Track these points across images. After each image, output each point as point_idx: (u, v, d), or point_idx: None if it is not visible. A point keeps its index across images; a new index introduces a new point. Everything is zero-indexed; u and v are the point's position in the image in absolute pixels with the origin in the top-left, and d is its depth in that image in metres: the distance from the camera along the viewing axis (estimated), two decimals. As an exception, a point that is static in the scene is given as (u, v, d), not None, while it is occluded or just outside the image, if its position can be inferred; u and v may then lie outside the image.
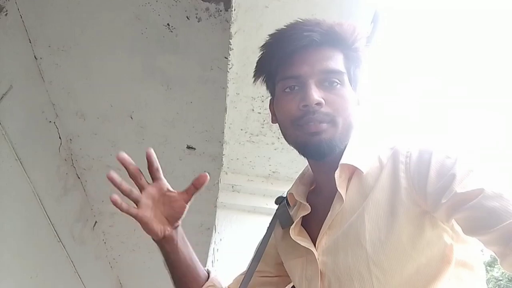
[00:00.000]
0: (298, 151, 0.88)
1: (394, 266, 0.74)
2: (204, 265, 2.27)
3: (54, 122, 2.08)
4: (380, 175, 0.82)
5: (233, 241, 2.21)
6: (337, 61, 0.85)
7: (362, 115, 0.93)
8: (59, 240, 2.38)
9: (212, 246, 2.21)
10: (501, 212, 0.64)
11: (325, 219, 0.85)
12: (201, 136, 2.06)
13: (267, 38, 0.91)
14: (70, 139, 2.19)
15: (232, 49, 1.56)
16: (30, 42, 1.74)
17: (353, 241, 0.78)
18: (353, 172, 0.86)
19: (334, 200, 0.85)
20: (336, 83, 0.83)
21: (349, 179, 0.86)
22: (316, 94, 0.80)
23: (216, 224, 2.29)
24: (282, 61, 0.86)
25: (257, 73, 0.94)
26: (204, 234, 2.67)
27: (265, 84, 0.95)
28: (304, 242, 0.86)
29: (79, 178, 2.44)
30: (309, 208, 0.89)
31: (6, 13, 1.57)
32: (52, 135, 2.11)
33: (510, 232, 0.62)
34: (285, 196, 1.02)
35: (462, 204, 0.69)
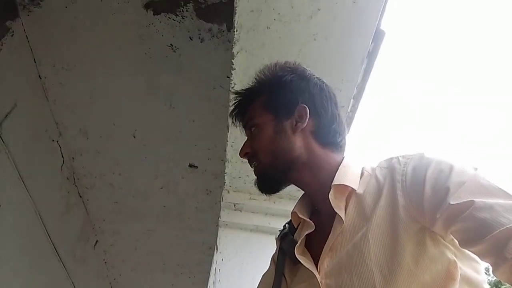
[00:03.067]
0: None
1: (399, 285, 0.73)
2: (206, 286, 2.24)
3: (57, 141, 2.09)
4: (378, 194, 0.83)
5: (235, 261, 2.19)
6: (252, 112, 1.00)
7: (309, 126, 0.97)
8: (59, 259, 2.36)
9: (214, 266, 2.18)
10: (491, 223, 0.65)
11: (326, 240, 0.85)
12: (203, 154, 2.06)
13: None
14: (73, 158, 2.20)
15: (235, 68, 1.58)
16: (35, 61, 1.76)
17: (357, 262, 0.78)
18: (350, 191, 0.87)
19: (335, 221, 0.85)
20: (251, 130, 0.99)
21: (347, 199, 0.86)
22: (241, 149, 0.99)
23: (218, 243, 2.27)
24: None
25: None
26: (206, 253, 2.64)
27: None
28: (307, 263, 0.85)
29: (81, 196, 2.43)
30: (313, 225, 0.89)
31: (12, 34, 1.60)
32: (55, 153, 2.11)
33: (500, 241, 0.63)
34: (285, 228, 1.03)
35: (455, 216, 0.69)
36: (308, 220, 0.91)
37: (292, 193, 2.36)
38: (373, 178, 0.87)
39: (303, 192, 1.02)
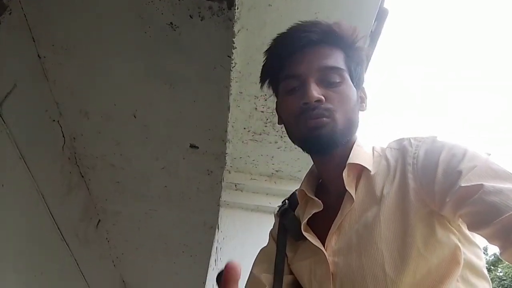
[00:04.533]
0: (301, 147, 0.90)
1: (408, 266, 0.74)
2: (207, 264, 2.28)
3: (58, 121, 2.08)
4: (389, 176, 0.83)
5: (236, 239, 2.22)
6: (336, 59, 0.86)
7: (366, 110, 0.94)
8: (62, 239, 2.39)
9: (215, 244, 2.21)
10: (501, 206, 0.65)
11: (333, 218, 0.85)
12: (204, 135, 2.06)
13: (270, 43, 0.93)
14: (74, 138, 2.20)
15: (235, 47, 1.56)
16: (34, 41, 1.74)
17: (367, 243, 0.78)
18: (361, 171, 0.87)
19: (344, 199, 0.85)
20: (335, 80, 0.85)
21: (357, 179, 0.86)
22: (315, 92, 0.82)
23: (219, 223, 2.30)
24: (283, 62, 0.89)
25: (262, 78, 0.96)
26: (207, 233, 2.67)
27: (270, 87, 0.97)
28: (314, 240, 0.86)
29: (82, 177, 2.44)
30: (321, 204, 0.89)
31: (10, 12, 1.58)
32: (56, 134, 2.11)
33: (508, 225, 0.64)
34: (285, 204, 1.02)
35: (465, 199, 0.70)
36: (317, 199, 0.90)
37: (293, 173, 2.37)
38: (384, 159, 0.87)
39: (303, 173, 1.02)
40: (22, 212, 2.01)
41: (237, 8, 1.46)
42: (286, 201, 1.05)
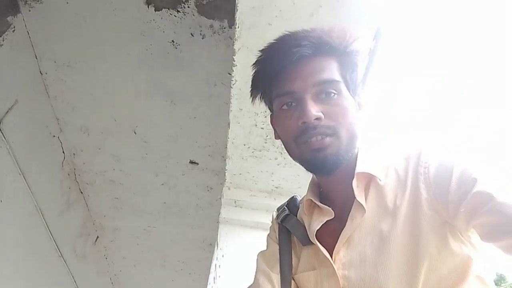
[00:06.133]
0: (304, 168, 0.86)
1: (421, 278, 0.73)
2: (206, 282, 2.24)
3: (58, 137, 2.09)
4: (401, 186, 0.81)
5: (236, 257, 2.19)
6: (331, 70, 0.82)
7: (366, 118, 0.91)
8: (60, 255, 2.37)
9: (214, 262, 2.18)
10: None
11: (340, 230, 0.82)
12: (204, 151, 2.06)
13: (258, 54, 0.88)
14: (74, 154, 2.20)
15: (236, 65, 1.57)
16: (36, 57, 1.76)
17: (384, 255, 0.76)
18: (369, 180, 0.84)
19: (352, 210, 0.81)
20: (333, 94, 0.80)
21: (366, 189, 0.83)
22: (313, 110, 0.77)
23: (218, 240, 2.28)
24: (275, 77, 0.85)
25: (253, 91, 0.91)
26: (206, 250, 2.65)
27: (262, 101, 0.93)
28: (324, 251, 0.82)
29: (81, 192, 2.43)
30: (333, 213, 0.84)
31: (14, 30, 1.60)
32: (56, 149, 2.12)
33: None
34: (285, 210, 1.00)
35: (478, 208, 0.69)
36: (327, 207, 0.86)
37: (293, 190, 2.36)
38: (392, 169, 0.84)
39: (303, 189, 1.00)
40: (20, 228, 2.00)
41: (238, 27, 1.48)
42: (285, 207, 1.01)
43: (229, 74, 1.62)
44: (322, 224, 0.85)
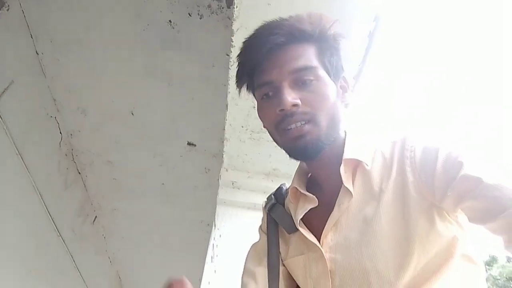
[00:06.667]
0: (288, 155, 0.87)
1: (410, 260, 0.74)
2: (204, 261, 2.28)
3: (55, 118, 2.08)
4: (387, 170, 0.82)
5: (233, 237, 2.22)
6: (307, 57, 0.82)
7: (353, 101, 0.92)
8: (59, 235, 2.39)
9: (211, 242, 2.21)
10: (504, 202, 0.67)
11: (328, 214, 0.84)
12: (202, 133, 2.06)
13: (240, 47, 0.90)
14: (71, 135, 2.20)
15: (234, 46, 1.56)
16: (31, 37, 1.74)
17: (369, 238, 0.78)
18: (356, 166, 0.85)
19: (340, 195, 0.83)
20: (310, 80, 0.81)
21: (353, 174, 0.85)
22: (290, 97, 0.79)
23: (216, 220, 2.30)
24: (254, 69, 0.87)
25: (238, 85, 0.93)
26: (204, 230, 2.67)
27: (250, 92, 0.94)
28: (311, 237, 0.85)
29: (79, 173, 2.44)
30: (316, 201, 0.87)
31: (8, 8, 1.57)
32: (53, 130, 2.11)
33: None
34: (272, 199, 1.01)
35: (466, 191, 0.71)
36: (311, 195, 0.89)
37: (290, 172, 2.38)
38: (379, 154, 0.86)
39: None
40: (19, 208, 2.01)
41: (236, 7, 1.46)
42: (272, 196, 1.03)
43: (227, 55, 1.61)
44: (312, 209, 0.87)
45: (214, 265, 2.17)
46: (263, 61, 0.84)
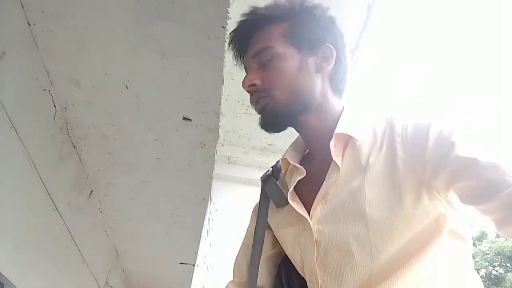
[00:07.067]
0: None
1: (393, 235, 0.75)
2: (199, 235, 2.30)
3: (49, 90, 2.05)
4: (376, 146, 0.83)
5: (228, 211, 2.24)
6: (267, 38, 0.90)
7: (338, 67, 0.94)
8: (55, 208, 2.40)
9: (207, 216, 2.23)
10: (498, 183, 0.67)
11: (319, 187, 0.86)
12: (197, 107, 2.04)
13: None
14: (65, 108, 2.17)
15: (230, 18, 1.53)
16: (22, 7, 1.69)
17: (353, 210, 0.79)
18: (347, 141, 0.87)
19: (330, 169, 0.85)
20: (268, 60, 0.89)
21: (344, 148, 0.87)
22: (247, 79, 0.90)
23: (211, 195, 2.31)
24: (239, 56, 0.99)
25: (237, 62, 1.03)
26: (200, 204, 2.70)
27: None
28: (299, 208, 0.87)
29: (74, 147, 2.43)
30: (304, 171, 0.90)
31: (-3, -24, 1.52)
32: (47, 103, 2.09)
33: (509, 201, 0.66)
34: (270, 171, 1.03)
35: (460, 171, 0.71)
36: (300, 166, 0.91)
37: (286, 147, 2.38)
38: (371, 130, 0.87)
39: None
40: (14, 181, 2.01)
41: (232, -23, 1.43)
42: (271, 167, 1.05)
43: (223, 27, 1.58)
44: (306, 181, 0.89)
45: (210, 239, 2.19)
46: (242, 51, 0.97)
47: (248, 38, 0.93)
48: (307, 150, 1.00)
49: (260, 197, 1.02)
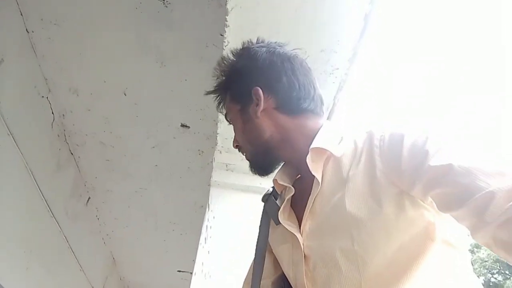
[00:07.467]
0: None
1: (377, 246, 0.75)
2: (197, 242, 2.29)
3: (47, 97, 2.05)
4: (356, 158, 0.84)
5: (226, 218, 2.23)
6: (227, 108, 1.05)
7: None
8: (52, 215, 2.39)
9: (205, 223, 2.23)
10: (471, 187, 0.66)
11: (307, 203, 0.87)
12: (195, 114, 2.05)
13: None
14: (63, 115, 2.17)
15: (228, 26, 1.54)
16: (21, 14, 1.70)
17: (337, 224, 0.80)
18: (328, 156, 0.88)
19: (313, 184, 0.86)
20: (230, 123, 1.05)
21: (325, 163, 0.88)
22: (233, 142, 1.06)
23: (209, 202, 2.31)
24: None
25: None
26: (198, 211, 2.69)
27: None
28: (291, 227, 0.88)
29: (72, 154, 2.43)
30: (293, 189, 0.92)
31: (-4, -16, 1.53)
32: (45, 110, 2.09)
33: (480, 206, 0.64)
34: (270, 191, 1.05)
35: (435, 180, 0.71)
36: (287, 185, 0.94)
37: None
38: (352, 143, 0.88)
39: None
40: (11, 189, 2.00)
41: (231, -14, 1.43)
42: (271, 188, 1.07)
43: (221, 35, 1.58)
44: (298, 198, 0.92)
45: (207, 246, 2.18)
46: None
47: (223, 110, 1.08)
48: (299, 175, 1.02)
49: (262, 216, 1.04)
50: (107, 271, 3.64)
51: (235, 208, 2.27)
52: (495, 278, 14.20)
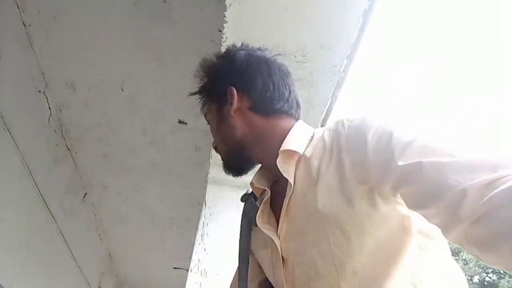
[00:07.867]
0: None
1: (352, 243, 0.75)
2: (194, 239, 2.29)
3: (44, 92, 2.04)
4: (325, 156, 0.84)
5: (223, 216, 2.23)
6: (207, 110, 1.11)
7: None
8: (48, 211, 2.38)
9: (202, 220, 2.23)
10: (441, 185, 0.64)
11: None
12: (193, 110, 2.03)
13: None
14: (60, 110, 2.16)
15: (227, 21, 1.53)
16: (18, 7, 1.69)
17: (311, 225, 0.80)
18: (299, 157, 0.88)
19: (287, 186, 0.87)
20: (208, 123, 1.12)
21: (297, 164, 0.88)
22: (213, 143, 1.12)
23: (206, 199, 2.31)
24: None
25: None
26: (195, 208, 2.68)
27: None
28: (269, 230, 0.88)
29: (69, 149, 2.42)
30: (269, 192, 0.93)
31: (-7, -23, 1.52)
32: (42, 105, 2.08)
33: (451, 204, 0.62)
34: (250, 191, 1.05)
35: (404, 178, 0.69)
36: (264, 187, 0.95)
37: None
38: (321, 141, 0.88)
39: None
40: (7, 183, 1.99)
41: (230, -19, 1.43)
42: (251, 189, 1.07)
43: (219, 31, 1.58)
44: (277, 200, 0.92)
45: (204, 243, 2.18)
46: None
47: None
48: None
49: (242, 218, 1.04)
50: (103, 267, 3.64)
51: (231, 205, 2.27)
52: (490, 277, 14.26)
